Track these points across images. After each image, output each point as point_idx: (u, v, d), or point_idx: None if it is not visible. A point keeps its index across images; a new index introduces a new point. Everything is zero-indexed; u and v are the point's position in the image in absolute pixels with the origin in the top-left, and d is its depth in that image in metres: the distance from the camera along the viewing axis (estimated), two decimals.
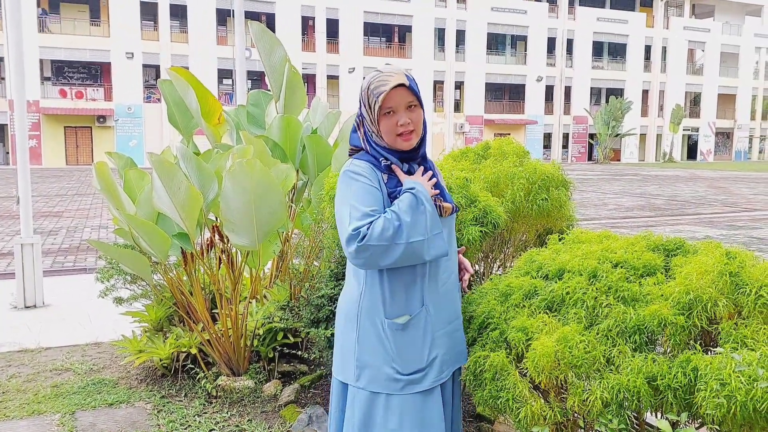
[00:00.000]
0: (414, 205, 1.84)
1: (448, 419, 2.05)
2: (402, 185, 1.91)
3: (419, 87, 1.93)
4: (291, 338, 3.70)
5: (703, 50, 51.62)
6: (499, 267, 3.53)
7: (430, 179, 1.96)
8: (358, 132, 2.00)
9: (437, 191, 1.96)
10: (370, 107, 1.89)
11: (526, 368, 1.91)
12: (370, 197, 1.85)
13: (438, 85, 43.17)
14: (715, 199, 17.59)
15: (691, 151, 53.15)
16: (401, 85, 1.85)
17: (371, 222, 1.79)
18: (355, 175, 1.89)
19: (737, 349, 1.70)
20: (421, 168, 1.99)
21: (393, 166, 1.94)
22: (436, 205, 1.92)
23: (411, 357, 1.92)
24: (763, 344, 1.69)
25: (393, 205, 1.85)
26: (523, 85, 45.60)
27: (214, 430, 3.19)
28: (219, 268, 3.71)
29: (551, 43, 45.97)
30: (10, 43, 5.62)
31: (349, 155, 2.01)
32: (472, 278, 2.18)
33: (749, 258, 1.98)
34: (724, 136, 54.60)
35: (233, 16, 8.01)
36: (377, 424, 1.91)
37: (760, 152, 56.30)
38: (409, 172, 1.97)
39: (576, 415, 1.90)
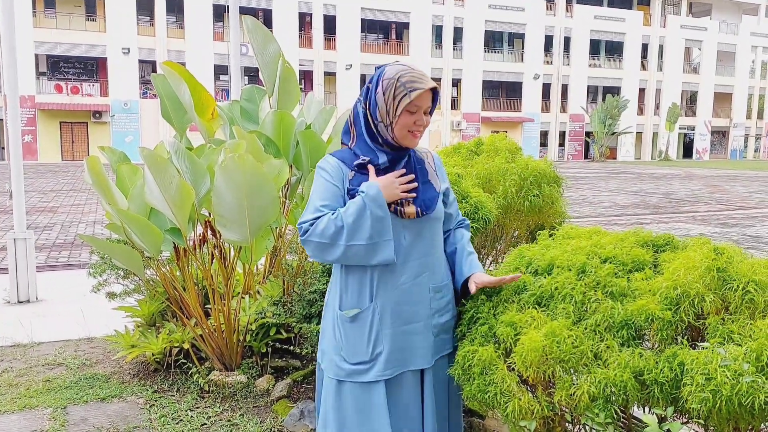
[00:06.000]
0: (361, 209, 1.86)
1: (418, 418, 2.05)
2: None
3: None
4: (284, 333, 3.70)
5: (699, 49, 51.72)
6: (491, 263, 3.55)
7: (410, 182, 1.96)
8: (351, 127, 2.00)
9: (411, 195, 1.96)
10: (394, 98, 1.89)
11: (514, 363, 1.91)
12: (325, 193, 1.93)
13: (435, 82, 43.08)
14: (710, 197, 17.65)
15: (687, 150, 53.29)
16: (434, 89, 1.93)
17: (318, 218, 1.88)
18: (320, 170, 1.98)
19: (724, 344, 1.71)
20: (402, 171, 1.98)
21: (369, 165, 1.95)
22: (396, 209, 1.93)
23: (356, 348, 1.99)
24: (749, 339, 1.70)
25: (345, 206, 1.90)
26: (520, 83, 45.61)
27: (206, 424, 3.19)
28: (212, 263, 3.71)
29: (548, 41, 45.98)
30: (2, 37, 5.60)
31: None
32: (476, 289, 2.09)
33: (737, 254, 1.98)
34: (720, 135, 54.76)
35: (229, 12, 7.98)
36: (330, 407, 2.03)
37: (755, 151, 56.48)
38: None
39: (563, 409, 1.91)
